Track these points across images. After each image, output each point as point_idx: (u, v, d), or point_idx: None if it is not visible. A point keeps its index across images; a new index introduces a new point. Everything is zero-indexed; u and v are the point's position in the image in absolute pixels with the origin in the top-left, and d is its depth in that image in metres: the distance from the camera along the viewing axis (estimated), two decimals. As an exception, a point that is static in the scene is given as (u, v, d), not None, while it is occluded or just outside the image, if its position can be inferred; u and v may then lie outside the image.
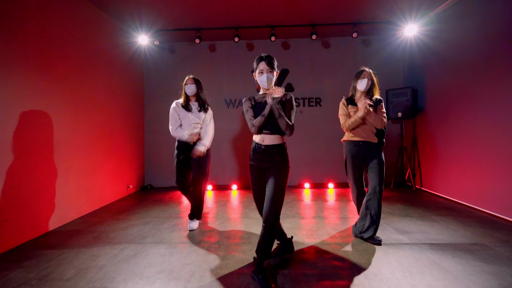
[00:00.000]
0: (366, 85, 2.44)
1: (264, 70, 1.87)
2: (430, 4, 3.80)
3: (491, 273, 1.84)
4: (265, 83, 1.88)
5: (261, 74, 1.88)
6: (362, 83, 2.45)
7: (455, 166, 3.69)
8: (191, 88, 2.76)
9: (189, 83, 2.77)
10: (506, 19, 2.91)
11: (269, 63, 1.87)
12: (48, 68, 2.84)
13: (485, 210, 3.19)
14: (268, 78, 1.87)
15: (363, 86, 2.45)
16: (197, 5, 3.76)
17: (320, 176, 4.99)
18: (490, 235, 2.50)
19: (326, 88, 5.05)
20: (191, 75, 2.83)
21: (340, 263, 2.04)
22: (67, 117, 3.10)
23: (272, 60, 1.90)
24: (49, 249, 2.34)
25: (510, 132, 2.86)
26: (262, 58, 1.89)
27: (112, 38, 4.10)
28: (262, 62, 1.88)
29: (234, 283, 1.79)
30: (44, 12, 2.79)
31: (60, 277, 1.89)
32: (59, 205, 2.93)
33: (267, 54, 1.91)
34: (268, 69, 1.87)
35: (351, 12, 4.09)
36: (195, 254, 2.22)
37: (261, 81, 1.89)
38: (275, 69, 1.91)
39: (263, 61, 1.87)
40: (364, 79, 2.45)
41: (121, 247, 2.37)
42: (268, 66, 1.87)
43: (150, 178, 5.08)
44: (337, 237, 2.53)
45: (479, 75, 3.27)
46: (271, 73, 1.88)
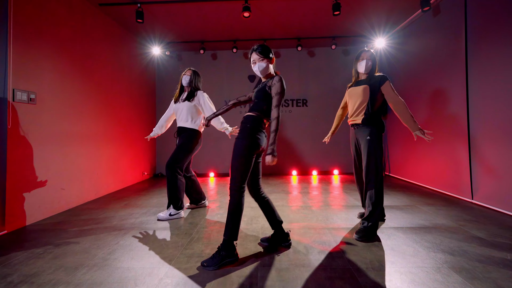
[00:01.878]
0: (366, 66, 2.33)
1: (256, 60, 1.94)
2: (394, 21, 4.65)
3: (407, 218, 2.68)
4: (258, 72, 1.95)
5: (254, 64, 1.97)
6: (361, 65, 2.36)
7: (412, 154, 4.53)
8: (186, 79, 2.92)
9: (187, 74, 2.95)
10: (450, 35, 3.76)
11: (259, 52, 1.93)
12: (88, 77, 3.70)
13: (429, 187, 4.03)
14: (260, 66, 1.93)
15: (362, 68, 2.35)
16: (201, 22, 4.62)
17: (306, 165, 5.84)
18: (423, 201, 3.34)
19: (311, 91, 5.90)
20: (191, 67, 3.03)
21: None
22: (101, 114, 3.95)
23: (262, 49, 1.93)
24: (95, 210, 3.19)
25: (447, 126, 3.70)
26: (253, 50, 1.96)
27: (131, 50, 4.96)
28: (253, 53, 1.95)
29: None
30: (85, 33, 3.66)
31: (110, 222, 2.73)
32: (95, 182, 3.78)
33: (259, 45, 1.97)
34: (259, 58, 1.93)
35: (330, 28, 4.95)
36: (203, 212, 3.06)
37: (255, 71, 1.98)
38: (267, 56, 1.93)
39: (254, 51, 1.95)
40: (363, 61, 2.34)
41: (148, 208, 3.22)
42: (258, 55, 1.93)
43: (161, 167, 5.93)
44: (315, 203, 3.37)
45: (431, 79, 4.11)
46: (263, 61, 1.92)
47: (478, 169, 3.15)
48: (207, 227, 2.57)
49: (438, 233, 2.28)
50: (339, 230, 2.42)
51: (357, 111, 2.38)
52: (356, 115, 2.39)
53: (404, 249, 2.00)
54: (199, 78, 3.02)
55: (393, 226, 2.46)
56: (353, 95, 2.43)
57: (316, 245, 2.10)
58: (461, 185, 3.40)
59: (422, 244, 2.07)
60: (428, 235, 2.25)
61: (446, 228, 2.41)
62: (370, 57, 2.36)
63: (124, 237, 2.34)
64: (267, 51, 1.94)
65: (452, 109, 3.59)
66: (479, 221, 2.57)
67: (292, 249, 2.05)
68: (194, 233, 2.41)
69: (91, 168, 3.70)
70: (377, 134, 2.30)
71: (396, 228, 2.42)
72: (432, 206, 3.09)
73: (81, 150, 3.50)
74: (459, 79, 3.45)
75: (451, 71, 3.59)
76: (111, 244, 2.19)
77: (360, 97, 2.36)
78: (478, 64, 3.16)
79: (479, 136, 3.14)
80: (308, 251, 2.01)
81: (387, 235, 2.26)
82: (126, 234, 2.40)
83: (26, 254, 2.04)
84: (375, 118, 2.33)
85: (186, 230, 2.47)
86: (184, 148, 2.83)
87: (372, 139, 2.28)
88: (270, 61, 1.96)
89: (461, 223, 2.53)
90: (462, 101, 3.38)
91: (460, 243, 2.09)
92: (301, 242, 2.17)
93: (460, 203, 3.20)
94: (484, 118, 3.07)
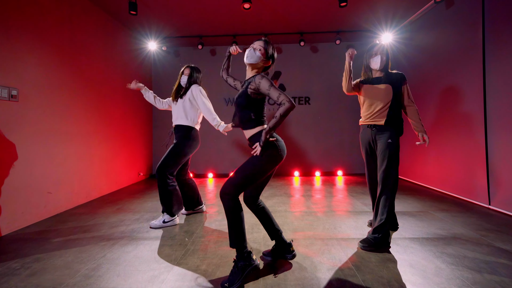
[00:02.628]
0: (380, 62, 2.14)
1: (256, 46, 1.72)
2: (402, 15, 4.41)
3: (421, 227, 2.46)
4: (248, 57, 1.70)
5: (249, 48, 1.73)
6: (375, 61, 2.16)
7: (421, 155, 4.31)
8: (184, 79, 2.77)
9: (186, 73, 2.78)
10: (465, 29, 3.52)
11: (264, 41, 1.73)
12: (78, 73, 3.46)
13: (439, 190, 3.81)
14: (250, 53, 1.69)
15: (377, 64, 2.15)
16: (200, 15, 4.37)
17: (309, 165, 5.61)
18: (435, 206, 3.12)
19: (314, 88, 5.66)
20: (191, 64, 2.86)
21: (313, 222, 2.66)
22: (93, 112, 3.72)
23: (267, 42, 1.74)
24: (84, 215, 2.97)
25: (461, 126, 3.47)
26: (261, 39, 1.76)
27: (126, 45, 4.72)
28: (259, 40, 1.74)
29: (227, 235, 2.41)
30: (74, 26, 3.41)
31: (99, 230, 2.51)
32: (86, 184, 3.55)
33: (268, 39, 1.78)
34: (260, 46, 1.71)
35: (334, 22, 4.70)
36: (200, 218, 2.84)
37: (245, 56, 1.71)
38: (266, 52, 1.72)
39: (261, 40, 1.74)
40: (377, 56, 2.15)
41: (141, 214, 3.00)
42: (262, 45, 1.71)
43: (158, 168, 5.70)
44: (319, 208, 3.15)
45: (443, 76, 3.88)
46: (260, 51, 1.70)
47: (496, 171, 2.93)
48: (204, 236, 2.35)
49: (459, 245, 2.06)
50: (349, 241, 2.20)
51: (378, 112, 2.18)
52: (377, 115, 2.18)
53: (424, 265, 1.77)
54: (199, 75, 2.84)
55: (409, 237, 2.24)
56: (373, 94, 2.21)
57: (325, 260, 1.88)
58: (477, 189, 3.18)
59: (443, 260, 1.84)
60: (448, 247, 2.03)
61: (466, 239, 2.19)
62: (384, 52, 2.18)
63: (112, 248, 2.12)
64: (270, 47, 1.74)
65: (467, 108, 3.35)
66: (501, 230, 2.35)
67: (298, 265, 1.83)
68: (190, 244, 2.19)
69: (82, 169, 3.48)
70: (397, 137, 2.15)
71: (411, 239, 2.20)
72: (447, 213, 2.86)
73: (70, 150, 3.27)
74: (475, 76, 3.21)
75: (466, 67, 3.36)
76: (96, 258, 1.96)
77: (382, 97, 2.17)
78: (497, 60, 2.92)
79: (497, 136, 2.91)
80: (316, 267, 1.79)
81: (402, 248, 2.04)
82: (115, 245, 2.18)
83: (0, 269, 1.82)
84: (398, 120, 2.17)
85: (180, 241, 2.25)
86: (175, 152, 2.62)
87: (393, 142, 2.11)
88: (265, 59, 1.73)
89: (482, 232, 2.31)
90: (479, 99, 3.14)
91: (486, 258, 1.86)
92: (308, 256, 1.95)
93: (476, 209, 2.98)
94: (504, 117, 2.84)
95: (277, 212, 2.97)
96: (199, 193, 3.02)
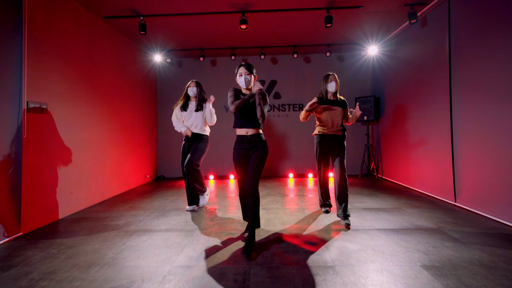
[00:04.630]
0: (335, 87, 2.95)
1: (243, 73, 2.32)
2: (386, 30, 4.85)
3: (392, 221, 2.89)
4: (243, 83, 2.32)
5: (240, 76, 2.35)
6: (331, 86, 2.95)
7: (403, 158, 4.74)
8: (193, 90, 3.35)
9: (192, 85, 3.36)
10: (435, 46, 3.96)
11: (247, 68, 2.33)
12: (94, 86, 3.91)
13: (417, 189, 4.24)
14: (246, 79, 2.32)
15: (333, 88, 2.95)
16: (201, 33, 4.82)
17: (302, 167, 6.05)
18: (409, 203, 3.55)
19: (307, 96, 6.10)
20: (194, 79, 3.43)
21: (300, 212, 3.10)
22: (106, 120, 4.17)
23: (250, 66, 2.34)
24: (101, 213, 3.41)
25: (434, 130, 3.91)
26: (241, 64, 2.35)
27: (134, 58, 5.17)
28: (241, 67, 2.34)
29: (228, 227, 2.85)
30: (91, 44, 3.86)
31: (116, 224, 2.95)
32: (100, 185, 3.99)
33: (246, 62, 2.38)
34: (246, 72, 2.32)
35: (324, 36, 5.14)
36: (202, 214, 3.27)
37: (240, 82, 2.35)
38: (252, 73, 2.34)
39: (242, 66, 2.34)
40: (332, 82, 2.94)
41: (151, 211, 3.43)
42: (246, 70, 2.33)
43: (163, 169, 6.15)
44: (308, 205, 3.58)
45: (420, 86, 4.32)
46: (249, 75, 2.33)
47: (460, 172, 3.36)
48: (206, 228, 2.78)
49: (418, 235, 2.49)
50: (328, 231, 2.63)
51: (337, 126, 3.01)
52: (337, 128, 3.02)
53: (384, 249, 2.21)
54: (203, 88, 3.44)
55: (378, 228, 2.67)
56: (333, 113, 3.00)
57: (302, 244, 2.31)
58: (445, 187, 3.61)
59: (400, 245, 2.28)
60: (408, 236, 2.46)
61: (426, 229, 2.62)
62: (335, 79, 2.97)
63: (130, 238, 2.56)
64: (253, 68, 2.37)
65: (436, 113, 3.79)
66: (457, 223, 2.78)
67: (283, 249, 2.26)
68: (195, 235, 2.62)
69: (97, 172, 3.92)
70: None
71: (380, 230, 2.64)
72: (417, 209, 3.29)
73: (87, 156, 3.71)
74: (443, 84, 3.65)
75: (436, 77, 3.80)
76: (118, 245, 2.40)
77: (339, 116, 3.01)
78: (460, 70, 3.36)
79: (461, 138, 3.34)
80: (297, 251, 2.22)
81: (370, 236, 2.47)
82: (132, 236, 2.61)
83: (43, 254, 2.25)
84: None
85: (187, 232, 2.68)
86: (201, 150, 3.36)
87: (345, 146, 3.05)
88: (253, 77, 2.37)
89: (441, 224, 2.75)
90: (446, 104, 3.58)
91: (435, 243, 2.30)
92: (291, 243, 2.38)
93: (443, 206, 3.41)
94: (467, 121, 3.26)
95: (271, 209, 3.41)
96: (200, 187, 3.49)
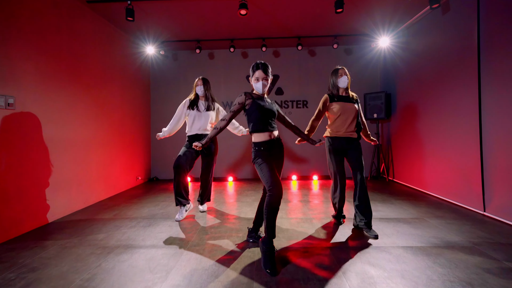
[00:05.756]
0: (347, 82, 2.62)
1: (260, 77, 2.06)
2: (399, 19, 4.42)
3: (416, 235, 2.47)
4: (260, 89, 2.09)
5: (257, 81, 2.08)
6: (343, 81, 2.61)
7: (418, 159, 4.32)
8: (201, 89, 3.12)
9: (199, 84, 3.13)
10: (460, 35, 3.53)
11: (264, 71, 2.06)
12: (76, 78, 3.48)
13: (436, 195, 3.82)
14: (263, 85, 2.08)
15: (344, 84, 2.62)
16: (198, 20, 4.38)
17: (306, 169, 5.63)
18: (431, 212, 3.13)
19: (312, 92, 5.67)
20: (201, 77, 3.17)
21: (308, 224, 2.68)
22: (90, 118, 3.74)
23: (267, 68, 2.08)
24: (81, 222, 2.99)
25: (458, 131, 3.48)
26: (258, 66, 2.06)
27: (124, 49, 4.73)
28: (258, 70, 2.06)
29: (224, 241, 2.43)
30: (72, 32, 3.43)
31: (95, 238, 2.53)
32: (84, 190, 3.57)
33: (263, 62, 2.08)
34: (263, 76, 2.06)
35: (331, 26, 4.71)
36: (196, 224, 2.86)
37: (257, 88, 2.10)
38: (269, 75, 2.10)
39: (260, 69, 2.05)
40: (344, 77, 2.60)
41: (137, 220, 3.02)
42: (264, 74, 2.05)
43: (156, 171, 5.72)
44: (315, 214, 3.16)
45: (439, 81, 3.89)
46: (266, 80, 2.07)
47: (491, 178, 2.94)
48: (197, 245, 2.36)
49: (452, 255, 2.08)
50: (343, 249, 2.22)
51: (353, 127, 2.64)
52: (352, 129, 2.64)
53: (416, 276, 1.79)
54: (210, 86, 3.23)
55: (402, 245, 2.26)
56: (347, 111, 2.62)
57: (317, 271, 1.90)
58: (472, 194, 3.19)
59: (435, 270, 1.86)
60: (441, 257, 2.04)
61: (460, 248, 2.20)
62: (346, 73, 2.61)
63: (108, 257, 2.14)
64: (269, 69, 2.10)
65: (462, 112, 3.36)
66: (494, 239, 2.36)
67: (290, 275, 1.84)
68: (184, 253, 2.21)
69: (79, 175, 3.49)
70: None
71: (405, 247, 2.22)
72: (442, 220, 2.88)
73: (68, 157, 3.29)
74: (470, 78, 3.22)
75: (462, 71, 3.37)
76: (92, 267, 1.98)
77: (354, 115, 2.64)
78: (493, 65, 2.93)
79: (493, 141, 2.92)
80: (308, 279, 1.80)
81: (395, 257, 2.05)
82: (110, 254, 2.20)
83: (-4, 280, 1.83)
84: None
85: (175, 249, 2.27)
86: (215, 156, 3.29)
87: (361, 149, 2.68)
88: (270, 79, 2.12)
89: (475, 240, 2.33)
90: (473, 100, 3.15)
91: (477, 269, 1.88)
92: (301, 266, 1.96)
93: (471, 216, 2.99)
94: (499, 122, 2.85)
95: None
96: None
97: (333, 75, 2.67)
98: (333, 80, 2.67)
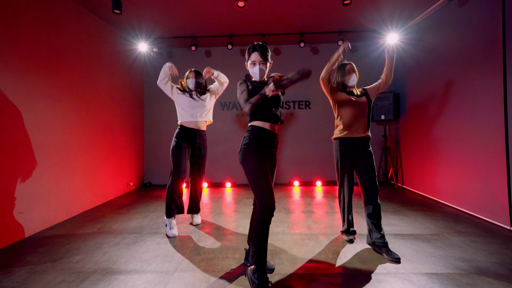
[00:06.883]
0: (356, 79, 2.37)
1: (257, 61, 1.75)
2: (409, 14, 4.09)
3: (439, 257, 2.15)
4: (257, 75, 1.77)
5: (253, 65, 1.76)
6: (352, 79, 2.34)
7: (430, 165, 3.99)
8: (192, 82, 2.92)
9: (191, 77, 2.94)
10: (482, 28, 3.20)
11: (262, 53, 1.74)
12: (56, 77, 3.15)
13: (452, 205, 3.49)
14: (261, 70, 1.76)
15: (354, 81, 2.36)
16: (193, 15, 4.05)
17: (309, 174, 5.30)
18: (451, 227, 2.81)
19: (315, 92, 5.33)
20: (193, 69, 3.01)
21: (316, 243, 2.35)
22: (74, 120, 3.41)
23: (265, 51, 1.76)
24: (59, 238, 2.66)
25: (478, 136, 3.16)
26: (255, 48, 1.75)
27: (114, 46, 4.40)
28: (255, 52, 1.75)
29: (218, 265, 2.10)
30: (52, 25, 3.10)
31: (71, 260, 2.21)
32: (65, 200, 3.25)
33: (260, 43, 1.78)
34: (260, 60, 1.74)
35: (336, 21, 4.38)
36: (187, 242, 2.53)
37: (253, 73, 1.79)
38: (268, 60, 1.78)
39: (256, 51, 1.74)
40: (352, 74, 2.33)
41: (122, 236, 2.69)
42: (261, 57, 1.74)
43: (150, 176, 5.40)
44: (321, 228, 2.84)
45: (452, 80, 3.56)
46: (264, 64, 1.76)
47: (519, 190, 2.62)
48: (186, 270, 2.03)
49: (487, 286, 1.75)
50: (356, 277, 1.89)
51: (365, 126, 2.35)
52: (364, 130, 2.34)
53: (449, 318, 1.47)
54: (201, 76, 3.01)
55: (426, 272, 1.93)
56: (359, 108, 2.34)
57: (329, 308, 1.57)
58: (497, 208, 2.86)
59: (472, 309, 1.53)
60: (474, 289, 1.72)
61: (494, 275, 1.88)
62: (354, 70, 2.37)
63: (81, 287, 1.81)
64: (269, 53, 1.80)
65: (484, 114, 3.04)
66: (531, 263, 2.04)
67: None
68: (172, 281, 1.88)
69: (60, 183, 3.17)
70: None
71: (429, 275, 1.89)
72: (465, 237, 2.55)
73: (46, 164, 2.96)
74: (494, 81, 2.90)
75: (483, 71, 3.04)
76: (58, 302, 1.66)
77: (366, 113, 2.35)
78: (521, 64, 2.61)
79: (520, 150, 2.60)
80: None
81: (420, 289, 1.73)
82: (84, 282, 1.87)
83: None
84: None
85: (161, 276, 1.94)
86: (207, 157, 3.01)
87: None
88: (269, 64, 1.84)
89: (510, 266, 2.00)
90: (499, 105, 2.83)
91: (522, 306, 1.56)
92: (309, 301, 1.64)
93: (496, 232, 2.67)
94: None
95: (274, 235, 2.66)
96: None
97: (339, 72, 2.39)
98: (339, 78, 2.39)
